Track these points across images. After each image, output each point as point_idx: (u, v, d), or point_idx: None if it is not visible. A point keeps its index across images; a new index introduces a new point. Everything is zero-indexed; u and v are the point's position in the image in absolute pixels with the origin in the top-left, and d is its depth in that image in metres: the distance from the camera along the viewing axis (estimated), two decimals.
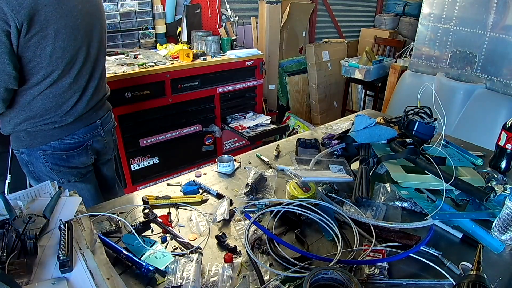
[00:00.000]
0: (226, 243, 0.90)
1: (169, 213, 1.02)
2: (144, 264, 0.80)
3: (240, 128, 2.83)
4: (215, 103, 2.82)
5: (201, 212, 1.03)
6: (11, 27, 1.02)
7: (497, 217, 0.93)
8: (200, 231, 0.96)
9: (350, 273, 0.74)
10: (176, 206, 1.06)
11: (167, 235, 0.93)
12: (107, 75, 2.29)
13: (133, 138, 2.47)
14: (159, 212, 1.03)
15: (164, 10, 2.85)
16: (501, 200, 1.04)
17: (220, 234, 0.92)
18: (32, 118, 1.23)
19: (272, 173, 1.24)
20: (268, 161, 1.32)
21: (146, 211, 1.01)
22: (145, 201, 1.06)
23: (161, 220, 0.97)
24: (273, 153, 1.39)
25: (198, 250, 0.87)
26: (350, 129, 1.44)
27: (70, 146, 1.33)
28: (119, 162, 2.45)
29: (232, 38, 3.02)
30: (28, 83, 1.17)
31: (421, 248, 0.86)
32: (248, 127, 2.84)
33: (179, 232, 0.95)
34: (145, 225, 0.96)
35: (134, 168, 2.55)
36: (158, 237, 0.93)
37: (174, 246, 0.90)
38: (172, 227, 0.96)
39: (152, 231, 0.96)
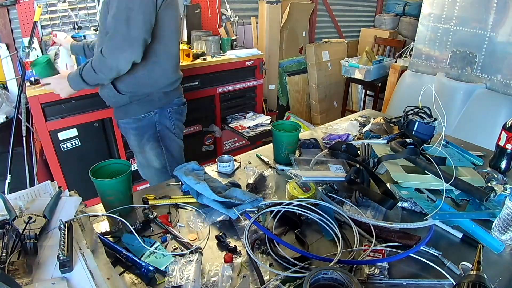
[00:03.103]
0: (226, 243, 0.90)
1: (169, 213, 1.02)
2: (144, 264, 0.80)
3: (240, 128, 2.83)
4: (215, 103, 2.82)
5: (201, 212, 1.02)
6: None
7: (497, 217, 0.93)
8: (200, 230, 0.96)
9: (350, 273, 0.74)
10: (176, 206, 1.06)
11: (167, 235, 0.93)
12: None
13: None
14: (159, 212, 1.03)
15: None
16: (501, 200, 1.04)
17: (220, 234, 0.92)
18: (170, 79, 1.57)
19: (272, 173, 1.24)
20: (268, 161, 1.32)
21: (146, 211, 1.01)
22: (145, 201, 1.06)
23: (160, 220, 0.97)
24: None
25: (198, 250, 0.87)
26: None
27: (181, 101, 1.68)
28: None
29: (232, 38, 3.02)
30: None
31: (421, 248, 0.86)
32: (248, 127, 2.83)
33: (179, 232, 0.95)
34: (145, 225, 0.96)
35: (134, 168, 2.54)
36: (158, 237, 0.93)
37: (174, 246, 0.90)
38: (172, 227, 0.96)
39: (152, 231, 0.96)
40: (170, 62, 1.56)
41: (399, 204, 1.05)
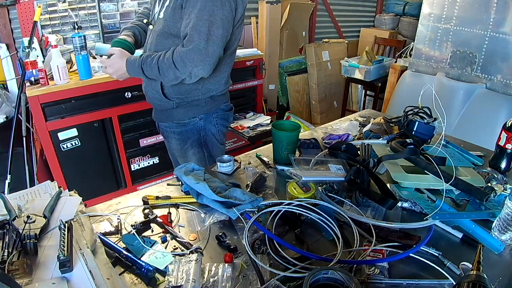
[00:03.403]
0: (226, 243, 0.90)
1: (169, 213, 1.02)
2: (144, 264, 0.80)
3: (240, 128, 2.83)
4: None
5: (201, 212, 1.02)
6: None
7: (497, 217, 0.93)
8: (200, 230, 0.96)
9: (350, 273, 0.74)
10: (176, 206, 1.06)
11: (167, 235, 0.93)
12: (106, 75, 2.29)
13: (133, 138, 2.48)
14: (159, 212, 1.03)
15: None
16: (501, 200, 1.04)
17: (220, 234, 0.92)
18: (222, 88, 1.53)
19: (272, 173, 1.24)
20: (268, 161, 1.32)
21: (146, 211, 1.01)
22: (145, 201, 1.06)
23: (161, 220, 0.97)
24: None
25: (198, 250, 0.87)
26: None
27: (227, 107, 1.62)
28: (119, 162, 2.45)
29: None
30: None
31: (421, 248, 0.86)
32: (248, 127, 2.83)
33: (179, 232, 0.95)
34: (145, 225, 0.96)
35: (134, 168, 2.55)
36: (158, 237, 0.93)
37: (174, 246, 0.90)
38: (172, 227, 0.96)
39: (152, 231, 0.96)
40: (227, 72, 1.54)
41: (399, 204, 1.05)
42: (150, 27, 1.47)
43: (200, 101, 1.49)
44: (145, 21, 1.53)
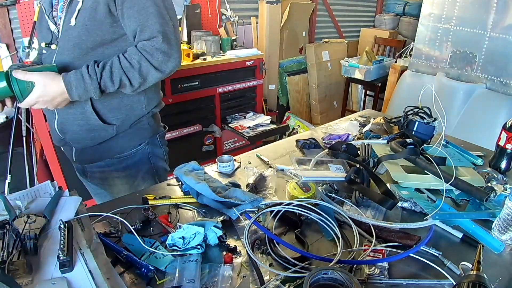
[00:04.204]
0: (226, 243, 0.90)
1: (169, 213, 1.02)
2: (144, 264, 0.80)
3: (240, 128, 2.83)
4: (215, 103, 2.82)
5: (201, 212, 1.02)
6: None
7: (497, 217, 0.93)
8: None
9: (350, 273, 0.74)
10: (176, 206, 1.06)
11: (167, 235, 0.93)
12: None
13: None
14: (159, 212, 1.03)
15: None
16: (501, 200, 1.04)
17: (221, 234, 0.91)
18: (159, 94, 1.31)
19: (272, 173, 1.24)
20: (268, 161, 1.32)
21: (146, 211, 1.00)
22: (145, 201, 1.06)
23: (161, 220, 0.97)
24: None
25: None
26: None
27: (162, 125, 1.39)
28: None
29: (232, 38, 3.02)
30: None
31: (421, 248, 0.86)
32: (248, 127, 2.84)
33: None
34: (145, 225, 0.96)
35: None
36: (158, 237, 0.93)
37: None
38: (172, 227, 0.96)
39: (152, 231, 0.95)
40: None
41: (399, 204, 1.05)
42: (53, 46, 1.12)
43: (143, 122, 1.24)
44: (42, 44, 1.15)
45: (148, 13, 1.04)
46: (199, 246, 0.85)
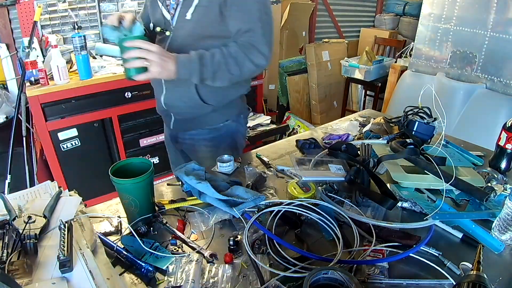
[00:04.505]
0: (232, 245, 0.89)
1: (184, 217, 1.00)
2: (144, 264, 0.80)
3: None
4: None
5: (204, 212, 1.02)
6: None
7: (497, 217, 0.93)
8: (204, 230, 0.96)
9: (350, 273, 0.74)
10: (186, 209, 1.04)
11: (177, 240, 0.91)
12: (106, 75, 2.30)
13: (133, 138, 2.48)
14: (171, 217, 1.01)
15: None
16: (501, 200, 1.04)
17: (231, 237, 0.89)
18: (247, 80, 1.43)
19: (272, 173, 1.24)
20: (268, 161, 1.32)
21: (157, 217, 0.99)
22: (160, 207, 1.03)
23: (174, 228, 0.95)
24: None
25: (201, 251, 0.87)
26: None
27: (247, 106, 1.54)
28: None
29: None
30: None
31: (421, 248, 0.86)
32: (248, 127, 2.83)
33: (190, 237, 0.93)
34: (150, 229, 0.95)
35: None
36: (168, 240, 0.91)
37: (184, 251, 0.89)
38: (183, 233, 0.94)
39: (158, 234, 0.94)
40: None
41: (399, 204, 1.05)
42: (168, 33, 1.29)
43: (233, 102, 1.42)
44: (158, 29, 1.32)
45: (252, 16, 1.20)
46: None
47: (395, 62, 3.73)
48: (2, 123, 2.27)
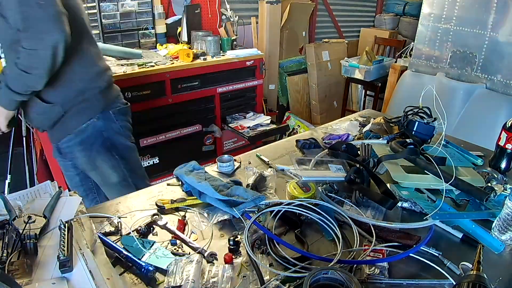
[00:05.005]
0: (233, 246, 0.89)
1: (184, 217, 1.00)
2: (144, 264, 0.80)
3: (240, 128, 2.83)
4: (215, 103, 2.82)
5: (204, 212, 1.02)
6: None
7: (497, 217, 0.93)
8: (204, 230, 0.96)
9: (350, 273, 0.74)
10: (185, 210, 1.04)
11: (177, 240, 0.91)
12: None
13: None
14: (171, 216, 1.01)
15: (164, 10, 2.85)
16: (501, 200, 1.04)
17: (231, 237, 0.89)
18: (98, 68, 1.40)
19: (272, 173, 1.24)
20: (268, 161, 1.32)
21: (155, 217, 0.99)
22: (160, 206, 1.03)
23: (173, 227, 0.95)
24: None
25: (201, 251, 0.87)
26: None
27: (123, 102, 1.52)
28: None
29: (232, 38, 3.02)
30: None
31: (421, 248, 0.86)
32: (248, 127, 2.84)
33: (190, 237, 0.93)
34: (149, 229, 0.95)
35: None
36: (168, 240, 0.91)
37: (184, 251, 0.89)
38: (183, 232, 0.94)
39: (157, 234, 0.94)
40: (92, 48, 1.40)
41: (399, 204, 1.05)
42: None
43: (90, 99, 1.37)
44: None
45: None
46: None
47: (395, 62, 3.73)
48: None
